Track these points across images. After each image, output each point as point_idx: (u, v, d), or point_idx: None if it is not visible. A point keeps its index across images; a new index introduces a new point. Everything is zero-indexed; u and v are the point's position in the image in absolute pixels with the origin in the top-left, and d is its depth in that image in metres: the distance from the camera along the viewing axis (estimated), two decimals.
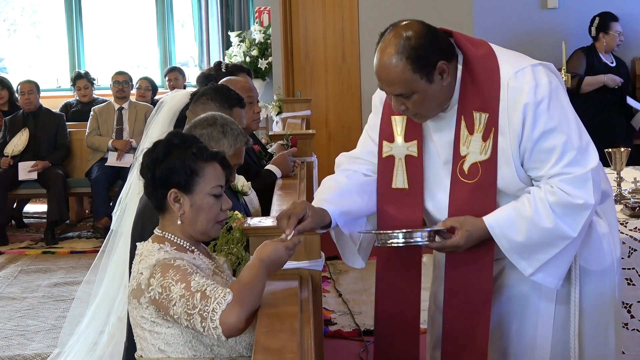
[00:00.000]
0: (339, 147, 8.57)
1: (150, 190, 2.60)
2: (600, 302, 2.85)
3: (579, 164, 2.67)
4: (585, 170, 2.66)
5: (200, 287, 2.37)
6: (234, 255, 2.90)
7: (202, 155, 2.57)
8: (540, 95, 2.67)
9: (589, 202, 2.66)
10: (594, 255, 2.83)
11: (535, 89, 2.67)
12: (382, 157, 2.91)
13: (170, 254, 2.50)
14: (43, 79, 9.92)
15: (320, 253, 2.91)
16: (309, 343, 2.34)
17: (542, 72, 2.72)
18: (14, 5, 11.32)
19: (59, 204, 7.83)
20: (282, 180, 4.40)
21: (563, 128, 2.67)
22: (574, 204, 2.66)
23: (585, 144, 2.70)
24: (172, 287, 2.39)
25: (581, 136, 2.70)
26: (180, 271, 2.42)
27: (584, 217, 2.68)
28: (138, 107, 8.23)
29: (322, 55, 8.70)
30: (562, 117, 2.68)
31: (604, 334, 2.89)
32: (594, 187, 2.67)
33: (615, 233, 2.90)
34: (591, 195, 2.66)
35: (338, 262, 6.72)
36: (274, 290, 2.61)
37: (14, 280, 6.60)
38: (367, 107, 8.57)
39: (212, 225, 2.60)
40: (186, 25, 11.15)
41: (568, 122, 2.69)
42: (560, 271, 2.74)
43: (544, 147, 2.67)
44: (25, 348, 5.14)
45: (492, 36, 8.12)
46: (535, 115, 2.66)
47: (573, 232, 2.68)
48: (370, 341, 4.99)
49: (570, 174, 2.66)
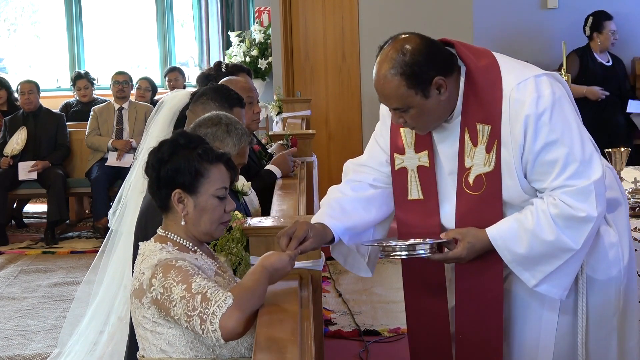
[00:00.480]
0: (339, 147, 8.59)
1: (155, 190, 2.60)
2: (603, 311, 2.84)
3: (582, 176, 2.65)
4: (588, 183, 2.65)
5: (202, 289, 2.37)
6: (234, 255, 2.90)
7: (207, 156, 2.57)
8: (542, 107, 2.65)
9: (591, 215, 2.65)
10: (601, 264, 2.81)
11: (537, 100, 2.66)
12: (395, 169, 2.91)
13: (172, 254, 2.50)
14: (43, 79, 9.91)
15: (320, 253, 2.91)
16: (309, 343, 2.34)
17: (545, 83, 2.70)
18: (14, 5, 11.33)
19: (59, 204, 7.83)
20: (282, 180, 4.40)
21: (565, 140, 2.65)
22: (576, 216, 2.65)
23: (589, 155, 2.68)
24: (173, 287, 2.39)
25: (584, 147, 2.68)
26: (182, 272, 2.42)
27: (587, 229, 2.67)
28: (138, 107, 8.23)
29: (322, 55, 8.70)
30: (564, 128, 2.67)
31: (605, 343, 2.87)
32: (597, 199, 2.65)
33: (625, 242, 2.87)
34: (594, 208, 2.65)
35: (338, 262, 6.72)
36: (274, 290, 2.61)
37: (14, 280, 6.60)
38: (367, 107, 8.57)
39: (215, 226, 2.60)
40: (186, 25, 11.15)
41: (571, 133, 2.67)
42: (564, 282, 2.74)
43: (546, 160, 2.66)
44: (25, 348, 5.14)
45: (492, 36, 8.15)
46: (536, 128, 2.65)
47: (575, 245, 2.67)
48: (370, 341, 4.99)
49: (573, 187, 2.65)
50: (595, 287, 2.82)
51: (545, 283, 2.73)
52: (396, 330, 5.13)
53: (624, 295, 2.87)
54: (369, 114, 8.57)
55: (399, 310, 5.51)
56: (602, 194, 2.68)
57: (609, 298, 2.84)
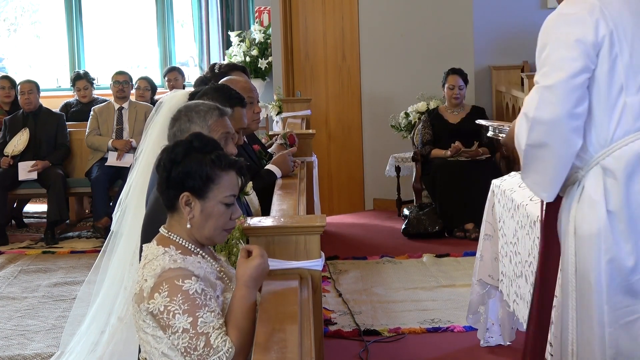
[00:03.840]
0: (339, 147, 8.59)
1: (164, 189, 2.59)
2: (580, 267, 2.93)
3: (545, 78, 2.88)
4: (541, 86, 2.89)
5: (207, 329, 2.39)
6: (234, 255, 2.90)
7: (220, 162, 2.56)
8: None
9: (527, 113, 2.90)
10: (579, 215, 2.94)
11: None
12: None
13: (176, 263, 2.48)
14: (43, 79, 9.92)
15: (320, 253, 2.91)
16: (309, 343, 2.34)
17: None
18: (14, 5, 11.33)
19: (59, 204, 7.82)
20: (282, 180, 4.40)
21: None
22: (523, 111, 2.93)
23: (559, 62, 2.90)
24: (178, 315, 2.40)
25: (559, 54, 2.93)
26: (189, 300, 2.41)
27: (525, 127, 2.91)
28: (138, 107, 8.23)
29: (322, 55, 8.70)
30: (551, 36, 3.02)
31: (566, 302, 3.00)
32: (539, 104, 2.85)
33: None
34: (533, 109, 2.87)
35: (338, 262, 6.73)
36: (274, 290, 2.61)
37: (14, 280, 6.60)
38: (367, 107, 8.57)
39: (218, 232, 2.59)
40: (186, 25, 11.15)
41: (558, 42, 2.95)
42: (537, 182, 2.96)
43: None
44: (25, 348, 5.14)
45: (491, 36, 8.15)
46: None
47: (518, 141, 2.95)
48: (370, 341, 4.99)
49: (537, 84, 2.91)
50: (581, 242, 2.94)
51: (525, 178, 3.00)
52: (396, 330, 5.13)
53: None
54: (369, 113, 8.57)
55: (399, 310, 5.52)
56: (549, 101, 2.83)
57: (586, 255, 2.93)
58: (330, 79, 8.69)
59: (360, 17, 8.53)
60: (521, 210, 3.99)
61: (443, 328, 5.13)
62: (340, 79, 8.67)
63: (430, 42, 8.22)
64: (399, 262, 6.65)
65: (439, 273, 6.29)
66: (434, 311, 5.45)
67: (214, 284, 2.53)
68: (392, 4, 8.37)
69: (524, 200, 3.99)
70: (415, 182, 7.76)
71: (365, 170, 8.58)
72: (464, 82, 7.63)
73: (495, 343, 4.75)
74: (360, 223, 8.12)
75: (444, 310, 5.47)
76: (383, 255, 6.81)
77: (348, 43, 8.62)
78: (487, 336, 4.75)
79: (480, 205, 4.95)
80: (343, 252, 6.95)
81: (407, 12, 8.31)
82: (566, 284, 2.96)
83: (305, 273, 2.86)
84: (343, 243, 7.35)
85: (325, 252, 2.99)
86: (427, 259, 6.67)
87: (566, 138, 2.84)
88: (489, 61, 8.16)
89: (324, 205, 7.64)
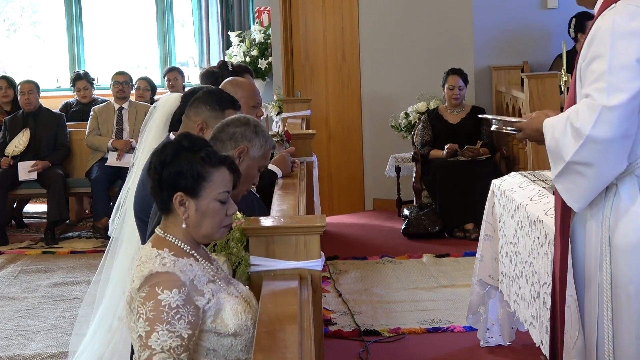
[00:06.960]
0: (339, 147, 8.59)
1: (157, 192, 2.59)
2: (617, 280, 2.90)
3: (602, 96, 2.78)
4: (600, 104, 2.78)
5: (155, 346, 2.35)
6: (233, 255, 2.90)
7: (210, 159, 2.55)
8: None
9: (582, 131, 2.80)
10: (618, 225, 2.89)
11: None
12: None
13: (165, 267, 2.46)
14: (43, 79, 9.92)
15: (320, 253, 2.91)
16: (309, 343, 2.34)
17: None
18: (14, 5, 11.33)
19: (59, 204, 7.82)
20: (282, 180, 4.40)
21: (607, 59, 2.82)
22: (574, 126, 2.82)
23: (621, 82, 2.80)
24: (141, 320, 2.38)
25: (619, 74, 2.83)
26: (156, 311, 2.38)
27: (577, 143, 2.83)
28: (138, 107, 8.23)
29: (322, 55, 8.70)
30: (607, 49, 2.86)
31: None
32: (597, 121, 2.77)
33: None
34: (589, 126, 2.78)
35: (338, 262, 6.73)
36: (274, 290, 2.61)
37: (14, 280, 6.60)
38: (367, 107, 8.57)
39: (217, 229, 2.58)
40: (186, 25, 11.15)
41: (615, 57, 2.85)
42: (572, 191, 2.89)
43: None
44: (25, 348, 5.14)
45: (492, 36, 8.15)
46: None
47: (565, 155, 2.85)
48: (370, 341, 4.99)
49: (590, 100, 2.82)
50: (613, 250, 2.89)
51: (558, 183, 2.93)
52: (396, 330, 5.13)
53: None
54: (369, 113, 8.58)
55: (399, 310, 5.52)
56: (608, 122, 2.76)
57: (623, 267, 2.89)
58: (330, 79, 8.69)
59: (360, 17, 8.53)
60: (521, 210, 3.99)
61: (443, 328, 5.13)
62: (340, 79, 8.67)
63: (430, 42, 8.22)
64: (399, 262, 6.65)
65: (439, 273, 6.29)
66: (434, 311, 5.46)
67: (201, 291, 2.50)
68: (392, 4, 8.37)
69: (524, 201, 3.99)
70: (415, 182, 7.77)
71: (365, 170, 8.58)
72: (464, 83, 7.64)
73: (495, 343, 4.75)
74: (360, 223, 8.12)
75: (444, 310, 5.47)
76: (383, 256, 6.81)
77: (348, 43, 8.62)
78: (487, 336, 4.75)
79: (480, 206, 4.95)
80: (343, 252, 6.95)
81: (407, 12, 8.31)
82: (600, 293, 2.92)
83: (305, 273, 2.85)
84: (343, 243, 7.35)
85: (325, 252, 2.99)
86: (427, 259, 6.67)
87: (616, 160, 2.81)
88: (489, 61, 8.16)
89: (324, 205, 7.64)
